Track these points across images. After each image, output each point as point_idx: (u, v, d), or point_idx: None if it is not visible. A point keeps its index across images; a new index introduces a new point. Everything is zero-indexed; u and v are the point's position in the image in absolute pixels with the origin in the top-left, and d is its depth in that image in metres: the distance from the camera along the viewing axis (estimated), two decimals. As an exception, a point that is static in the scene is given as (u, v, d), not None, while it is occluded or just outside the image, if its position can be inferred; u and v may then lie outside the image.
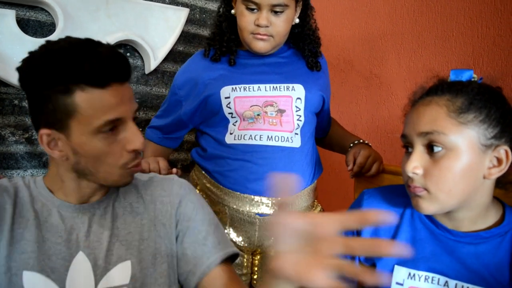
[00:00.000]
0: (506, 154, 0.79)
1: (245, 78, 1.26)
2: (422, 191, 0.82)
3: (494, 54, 1.39)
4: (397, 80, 1.72)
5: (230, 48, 1.29)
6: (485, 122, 0.79)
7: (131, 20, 1.60)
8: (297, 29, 1.30)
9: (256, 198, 1.24)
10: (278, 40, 1.24)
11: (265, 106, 1.23)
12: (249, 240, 1.29)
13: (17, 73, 0.80)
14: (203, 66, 1.30)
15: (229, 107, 1.23)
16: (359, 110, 1.88)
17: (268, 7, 1.17)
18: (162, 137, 1.39)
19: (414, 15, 1.65)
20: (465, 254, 0.84)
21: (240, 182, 1.24)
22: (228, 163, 1.25)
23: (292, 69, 1.30)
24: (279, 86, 1.25)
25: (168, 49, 1.71)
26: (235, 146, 1.24)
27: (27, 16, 1.45)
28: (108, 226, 0.85)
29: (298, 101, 1.25)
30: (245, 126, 1.24)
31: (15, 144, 1.45)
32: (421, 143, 0.82)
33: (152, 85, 1.75)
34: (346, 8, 1.67)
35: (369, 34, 1.82)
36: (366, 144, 1.32)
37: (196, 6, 1.85)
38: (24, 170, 1.47)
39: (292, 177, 0.54)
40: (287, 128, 1.24)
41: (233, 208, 1.25)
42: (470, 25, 1.47)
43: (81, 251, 0.81)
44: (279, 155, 1.23)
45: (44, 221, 0.82)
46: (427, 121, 0.81)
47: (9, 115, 1.43)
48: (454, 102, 0.80)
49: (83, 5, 1.48)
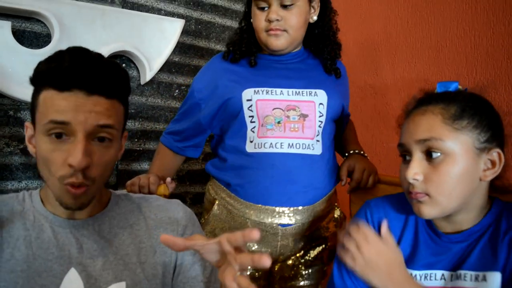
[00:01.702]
0: (499, 157, 0.85)
1: (267, 80, 1.24)
2: (423, 197, 0.85)
3: (487, 64, 1.41)
4: (392, 90, 1.73)
5: (250, 49, 1.28)
6: (477, 128, 0.84)
7: (127, 31, 1.60)
8: (317, 30, 1.29)
9: (278, 209, 1.21)
10: (293, 35, 1.22)
11: (287, 110, 1.21)
12: (272, 250, 1.26)
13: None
14: (222, 68, 1.29)
15: (250, 109, 1.21)
16: (354, 120, 1.88)
17: (277, 2, 1.18)
18: (181, 147, 1.34)
19: (408, 26, 1.66)
20: (459, 249, 0.88)
21: (261, 194, 1.21)
22: (249, 174, 1.22)
23: (314, 75, 1.29)
24: (301, 91, 1.23)
25: (163, 60, 1.71)
26: (256, 155, 1.21)
27: (22, 27, 1.45)
28: (104, 244, 0.83)
29: (321, 106, 1.23)
30: (264, 133, 1.21)
31: (10, 155, 1.44)
32: (420, 150, 0.86)
33: (148, 96, 1.75)
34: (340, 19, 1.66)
35: (363, 45, 1.84)
36: (362, 154, 1.32)
37: (192, 17, 1.86)
38: (19, 181, 1.46)
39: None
40: (309, 134, 1.21)
41: (255, 220, 1.22)
42: (463, 35, 1.48)
43: (73, 267, 0.80)
44: (300, 163, 1.20)
45: (35, 238, 0.80)
46: (424, 129, 0.85)
47: (4, 126, 1.43)
48: (448, 110, 0.85)
49: (78, 16, 1.48)
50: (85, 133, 0.75)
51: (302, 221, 1.23)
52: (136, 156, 1.72)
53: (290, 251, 1.28)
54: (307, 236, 1.28)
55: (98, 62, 0.77)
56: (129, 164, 1.71)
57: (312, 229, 1.28)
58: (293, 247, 1.27)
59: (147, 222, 0.90)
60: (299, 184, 1.20)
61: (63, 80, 0.74)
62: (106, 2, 1.61)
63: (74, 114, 0.74)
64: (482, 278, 0.84)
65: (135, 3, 1.69)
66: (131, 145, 1.72)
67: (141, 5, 1.71)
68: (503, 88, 1.36)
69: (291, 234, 1.24)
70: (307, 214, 1.23)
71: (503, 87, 1.36)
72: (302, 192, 1.21)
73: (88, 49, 0.80)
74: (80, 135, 0.75)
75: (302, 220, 1.23)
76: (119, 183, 1.68)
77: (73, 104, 0.74)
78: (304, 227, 1.25)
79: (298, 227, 1.24)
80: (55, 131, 0.75)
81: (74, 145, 0.75)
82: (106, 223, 0.87)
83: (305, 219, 1.23)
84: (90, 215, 0.86)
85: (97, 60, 0.78)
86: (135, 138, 1.73)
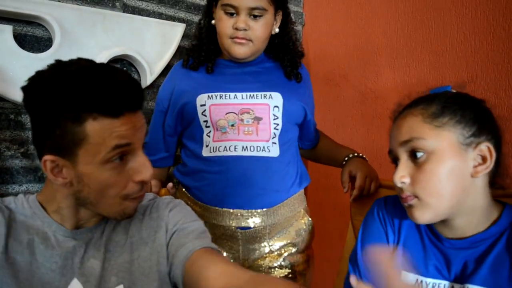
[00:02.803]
0: (489, 151, 0.82)
1: (222, 86, 1.25)
2: (413, 199, 0.84)
3: (488, 68, 1.41)
4: (392, 94, 1.73)
5: (208, 57, 1.28)
6: (461, 122, 0.82)
7: (128, 36, 1.61)
8: (277, 39, 1.30)
9: (235, 211, 1.22)
10: (258, 45, 1.23)
11: (241, 113, 1.22)
12: (234, 255, 1.27)
13: (22, 92, 0.75)
14: (181, 75, 1.30)
15: (204, 114, 1.22)
16: (354, 124, 1.89)
17: (247, 11, 1.18)
18: (154, 160, 1.34)
19: (408, 30, 1.66)
20: (467, 258, 0.85)
21: (217, 197, 1.23)
22: (205, 177, 1.24)
23: (270, 78, 1.30)
24: (256, 94, 1.24)
25: (164, 64, 1.72)
26: (211, 158, 1.23)
27: (24, 31, 1.45)
28: (103, 251, 0.83)
29: (276, 109, 1.24)
30: (219, 137, 1.22)
31: (10, 159, 1.44)
32: (404, 153, 0.85)
33: (148, 100, 1.75)
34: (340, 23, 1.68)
35: (364, 49, 1.84)
36: (361, 157, 1.32)
37: (193, 21, 1.86)
38: (20, 185, 1.46)
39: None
40: (263, 137, 1.22)
41: (213, 223, 1.23)
42: (463, 40, 1.48)
43: (76, 278, 0.79)
44: (255, 166, 1.21)
45: (38, 246, 0.79)
46: (405, 131, 0.85)
47: (5, 130, 1.43)
48: (427, 109, 0.84)
49: (80, 20, 1.49)
50: (141, 148, 0.79)
51: (262, 224, 1.23)
52: (136, 160, 1.72)
53: (254, 257, 1.28)
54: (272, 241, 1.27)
55: (131, 79, 0.77)
56: (130, 168, 1.71)
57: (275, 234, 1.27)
58: (257, 252, 1.27)
59: (137, 217, 0.89)
60: (256, 187, 1.21)
61: (119, 106, 0.73)
62: (107, 7, 1.61)
63: (134, 135, 0.76)
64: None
65: (136, 7, 1.69)
66: (132, 149, 1.72)
67: (142, 9, 1.71)
68: (504, 92, 1.36)
69: (253, 238, 1.24)
70: (267, 217, 1.23)
71: (504, 91, 1.36)
72: (259, 195, 1.22)
73: (110, 65, 0.79)
74: (139, 151, 0.78)
75: (262, 224, 1.23)
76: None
77: (131, 126, 0.75)
78: (265, 231, 1.24)
79: (258, 231, 1.24)
80: (118, 154, 0.75)
81: (139, 162, 0.78)
82: (107, 229, 0.87)
83: (265, 223, 1.23)
84: (94, 224, 0.85)
85: (130, 77, 0.77)
86: (135, 142, 1.73)
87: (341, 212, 1.91)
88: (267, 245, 1.27)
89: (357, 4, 1.87)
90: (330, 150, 1.42)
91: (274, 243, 1.27)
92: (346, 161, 1.31)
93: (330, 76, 1.97)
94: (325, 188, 1.98)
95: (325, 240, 1.85)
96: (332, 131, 1.79)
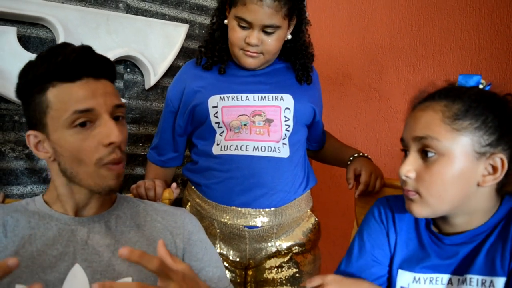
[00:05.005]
0: (502, 163, 0.79)
1: (233, 87, 1.25)
2: (414, 195, 0.83)
3: (492, 66, 1.40)
4: (396, 93, 1.72)
5: (221, 58, 1.28)
6: (480, 129, 0.79)
7: (131, 36, 1.61)
8: (289, 44, 1.29)
9: (243, 210, 1.22)
10: (268, 57, 1.23)
11: (253, 115, 1.22)
12: (241, 254, 1.27)
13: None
14: (193, 75, 1.29)
15: (216, 116, 1.22)
16: (358, 123, 1.88)
17: (260, 27, 1.17)
18: (164, 160, 1.37)
19: (412, 29, 1.66)
20: (466, 251, 0.85)
21: (226, 195, 1.23)
22: (215, 175, 1.24)
23: (281, 79, 1.30)
24: (267, 96, 1.24)
25: (168, 65, 1.72)
26: (222, 156, 1.23)
27: (28, 33, 1.46)
28: (110, 241, 0.85)
29: (287, 111, 1.24)
30: (231, 137, 1.23)
31: (15, 160, 1.45)
32: (416, 148, 0.83)
33: (152, 101, 1.76)
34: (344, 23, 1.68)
35: (368, 48, 1.84)
36: (366, 157, 1.32)
37: (196, 22, 1.86)
38: (24, 186, 1.47)
39: None
40: (274, 137, 1.23)
41: (221, 221, 1.24)
42: (467, 38, 1.48)
43: (78, 263, 0.80)
44: (265, 166, 1.21)
45: (41, 236, 0.81)
46: (422, 126, 0.82)
47: (9, 131, 1.43)
48: (450, 108, 0.80)
49: (83, 22, 1.49)
50: (108, 113, 0.80)
51: (269, 224, 1.23)
52: (140, 161, 1.72)
53: (261, 257, 1.28)
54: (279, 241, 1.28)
55: (93, 50, 0.83)
56: (133, 169, 1.72)
57: (282, 234, 1.28)
58: (264, 252, 1.27)
59: (154, 224, 0.91)
60: (265, 187, 1.21)
61: (74, 70, 0.78)
62: (111, 8, 1.62)
63: (94, 100, 0.79)
64: (489, 283, 0.80)
65: (139, 8, 1.70)
66: (136, 150, 1.72)
67: (145, 10, 1.72)
68: (508, 91, 1.35)
69: (260, 237, 1.25)
70: (274, 217, 1.23)
71: (508, 90, 1.35)
72: (268, 195, 1.22)
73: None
74: (105, 116, 0.80)
75: (270, 223, 1.23)
76: (123, 187, 1.68)
77: (90, 90, 0.79)
78: (272, 231, 1.25)
79: (266, 230, 1.24)
80: (79, 121, 0.78)
81: (105, 126, 0.79)
82: (113, 220, 0.88)
83: (273, 222, 1.23)
84: (96, 213, 0.88)
85: (91, 48, 0.83)
86: (139, 143, 1.73)
87: (345, 211, 1.91)
88: (274, 245, 1.27)
89: (360, 3, 1.87)
90: (336, 151, 1.42)
91: (281, 243, 1.28)
92: (351, 160, 1.31)
93: (333, 76, 1.96)
94: (329, 187, 1.98)
95: (329, 239, 1.85)
96: (336, 130, 1.79)
